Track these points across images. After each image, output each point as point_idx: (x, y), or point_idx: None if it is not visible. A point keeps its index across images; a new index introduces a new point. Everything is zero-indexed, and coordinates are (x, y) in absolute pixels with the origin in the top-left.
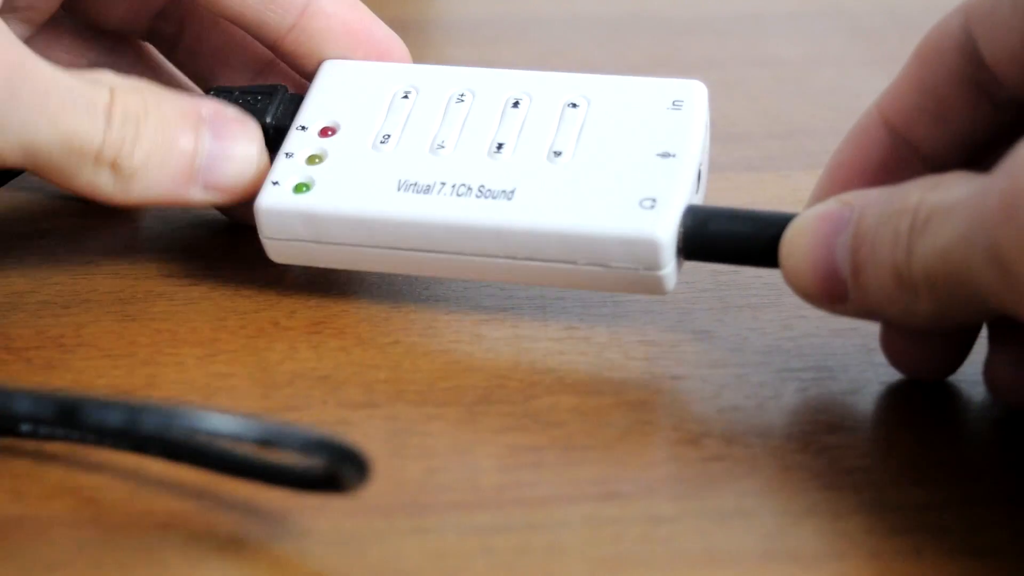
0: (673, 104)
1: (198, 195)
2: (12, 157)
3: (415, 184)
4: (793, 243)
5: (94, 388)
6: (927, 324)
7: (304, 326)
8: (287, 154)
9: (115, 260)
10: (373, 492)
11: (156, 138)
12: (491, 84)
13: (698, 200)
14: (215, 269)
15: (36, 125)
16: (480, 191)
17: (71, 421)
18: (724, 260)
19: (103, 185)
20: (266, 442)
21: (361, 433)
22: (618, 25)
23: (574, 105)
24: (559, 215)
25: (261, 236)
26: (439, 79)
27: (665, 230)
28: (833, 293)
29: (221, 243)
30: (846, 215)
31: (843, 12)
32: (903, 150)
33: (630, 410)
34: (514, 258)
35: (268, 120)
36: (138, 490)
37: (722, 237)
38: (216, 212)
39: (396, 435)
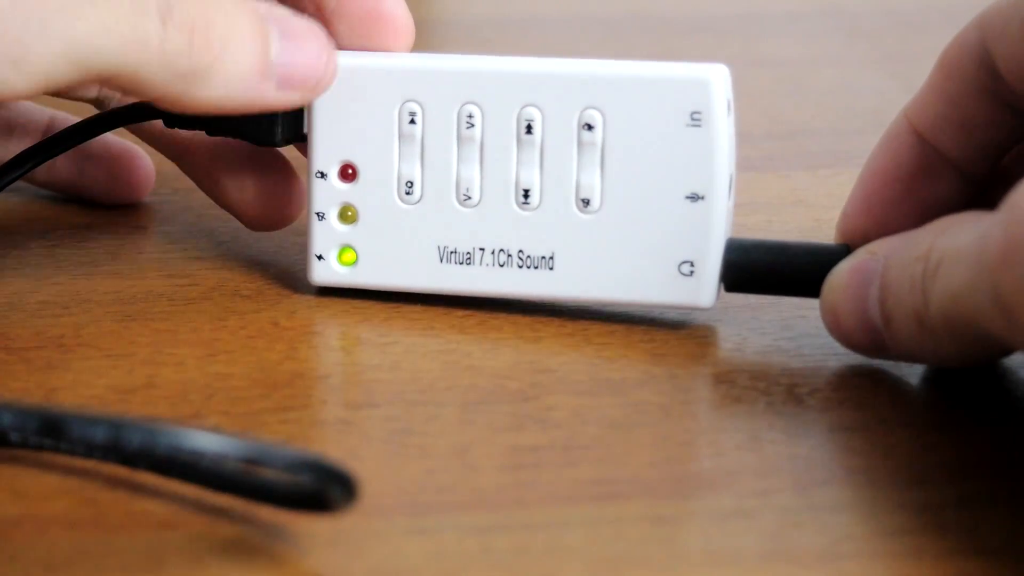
0: (691, 119)
1: (272, 93)
2: (61, 67)
3: (455, 252)
4: (829, 300)
5: (94, 388)
6: (957, 364)
7: (304, 326)
8: (319, 215)
9: (115, 260)
10: (373, 492)
11: (226, 29)
12: (495, 94)
13: (731, 197)
14: (215, 269)
15: (74, 24)
16: (520, 258)
17: (55, 436)
18: (764, 292)
19: (173, 86)
20: (252, 461)
21: (361, 433)
22: (618, 25)
23: (589, 127)
24: (601, 286)
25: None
26: (439, 88)
27: (707, 296)
28: (873, 343)
29: (221, 243)
30: (873, 266)
31: (843, 12)
32: (933, 157)
33: (630, 410)
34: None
35: (278, 140)
36: (138, 490)
37: (761, 273)
38: (216, 213)
39: (396, 435)
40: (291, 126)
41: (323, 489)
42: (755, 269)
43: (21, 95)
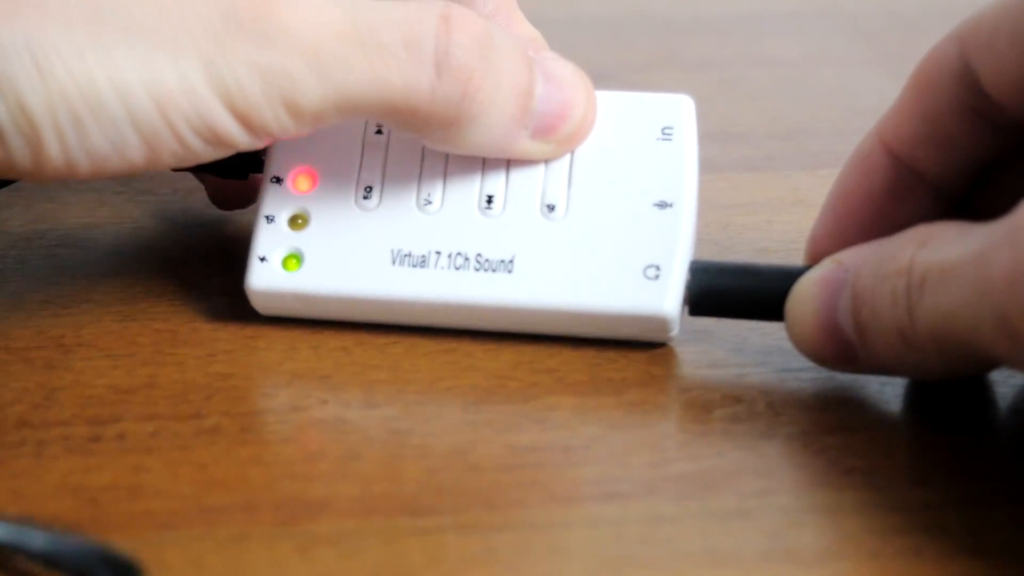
0: (663, 133)
1: (524, 143)
2: (328, 112)
3: (409, 255)
4: (796, 311)
5: (94, 388)
6: (939, 377)
7: (304, 326)
8: (268, 218)
9: (115, 260)
10: (373, 492)
11: (496, 76)
12: None
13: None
14: (215, 269)
15: (345, 76)
16: (478, 261)
17: None
18: (728, 316)
19: (434, 132)
20: (49, 557)
21: (361, 433)
22: (618, 25)
23: None
24: (562, 291)
25: (251, 301)
26: None
27: (671, 304)
28: (843, 355)
29: (222, 243)
30: (842, 276)
31: (843, 12)
32: (907, 176)
33: (630, 410)
34: (517, 327)
35: (238, 171)
36: (138, 490)
37: (726, 296)
38: (217, 213)
39: (396, 435)
40: (253, 157)
41: None
42: (720, 292)
43: (291, 134)
